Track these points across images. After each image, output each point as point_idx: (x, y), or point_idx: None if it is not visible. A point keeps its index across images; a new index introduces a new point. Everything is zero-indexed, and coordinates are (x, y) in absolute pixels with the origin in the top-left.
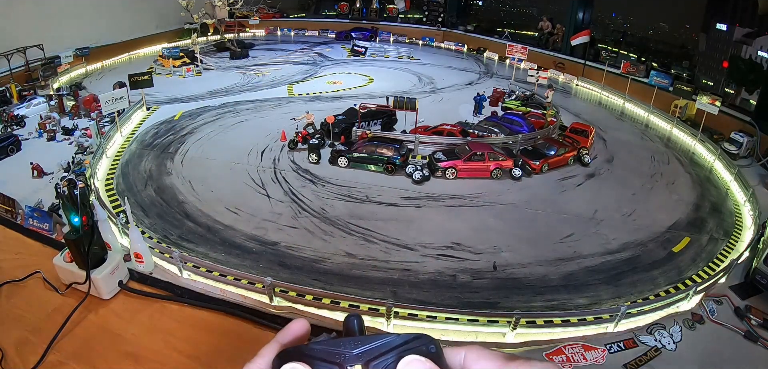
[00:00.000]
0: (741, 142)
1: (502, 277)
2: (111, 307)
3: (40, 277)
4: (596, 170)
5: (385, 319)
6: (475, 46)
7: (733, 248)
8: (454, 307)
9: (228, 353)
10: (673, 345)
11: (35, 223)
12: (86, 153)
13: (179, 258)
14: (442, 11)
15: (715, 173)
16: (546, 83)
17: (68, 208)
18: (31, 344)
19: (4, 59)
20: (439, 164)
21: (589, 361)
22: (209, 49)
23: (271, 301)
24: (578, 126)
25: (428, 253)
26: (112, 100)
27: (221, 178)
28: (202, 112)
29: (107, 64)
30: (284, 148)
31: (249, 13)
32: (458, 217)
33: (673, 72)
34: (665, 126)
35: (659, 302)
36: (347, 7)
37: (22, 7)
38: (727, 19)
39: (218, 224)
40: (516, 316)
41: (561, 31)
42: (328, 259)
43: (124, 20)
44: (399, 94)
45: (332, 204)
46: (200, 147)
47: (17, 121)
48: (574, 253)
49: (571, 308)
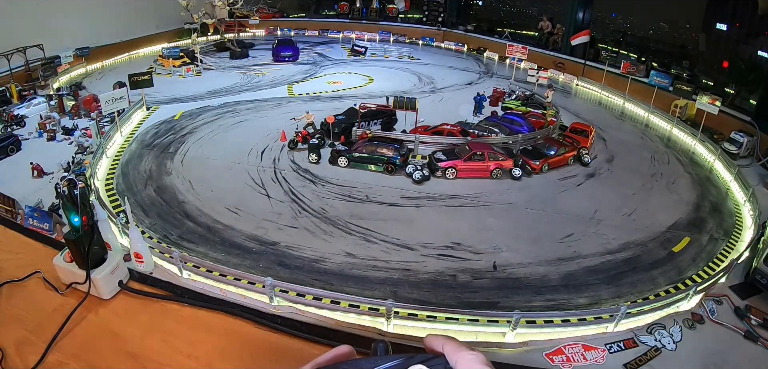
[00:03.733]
0: (741, 142)
1: (502, 277)
2: (111, 307)
3: (40, 277)
4: (596, 170)
5: (385, 319)
6: (475, 46)
7: (733, 248)
8: (454, 307)
9: (228, 353)
10: (673, 345)
11: (35, 222)
12: (86, 153)
13: (179, 258)
14: (442, 11)
15: (715, 173)
16: (546, 83)
17: (68, 208)
18: (31, 344)
19: (4, 59)
20: (439, 164)
21: (589, 361)
22: (209, 49)
23: (271, 301)
24: (578, 126)
25: (428, 253)
26: (112, 100)
27: (221, 178)
28: (202, 112)
29: (107, 64)
30: (284, 148)
31: (249, 13)
32: (458, 217)
33: (673, 72)
34: (665, 126)
35: (659, 302)
36: (347, 7)
37: (22, 7)
38: (727, 19)
39: (218, 224)
40: (516, 316)
41: (561, 31)
42: (328, 258)
43: (124, 20)
44: (399, 94)
45: (332, 204)
46: (200, 147)
47: (17, 121)
48: (574, 253)
49: (571, 308)
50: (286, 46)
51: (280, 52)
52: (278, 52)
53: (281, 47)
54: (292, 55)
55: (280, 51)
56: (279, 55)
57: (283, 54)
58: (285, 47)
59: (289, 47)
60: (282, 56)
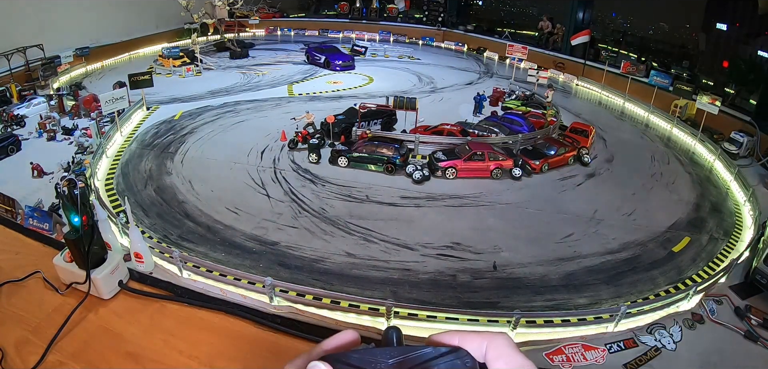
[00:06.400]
0: (741, 141)
1: (502, 276)
2: (111, 307)
3: (40, 277)
4: (596, 170)
5: (385, 319)
6: (475, 46)
7: (733, 248)
8: (454, 306)
9: (228, 353)
10: (673, 345)
11: (35, 223)
12: (86, 153)
13: (179, 258)
14: (442, 11)
15: (715, 173)
16: (546, 83)
17: (68, 208)
18: (31, 344)
19: (4, 59)
20: (439, 164)
21: (589, 361)
22: (209, 48)
23: (271, 301)
24: (578, 126)
25: (428, 253)
26: (112, 100)
27: (221, 178)
28: (202, 112)
29: (107, 64)
30: (284, 148)
31: (249, 12)
32: (458, 216)
33: (673, 72)
34: (665, 126)
35: (659, 302)
36: (347, 7)
37: (22, 7)
38: (727, 19)
39: (218, 224)
40: (516, 315)
41: (561, 31)
42: (328, 258)
43: (124, 20)
44: (399, 93)
45: (332, 204)
46: (200, 147)
47: (17, 121)
48: (574, 253)
49: (571, 308)
50: (334, 53)
51: (334, 60)
52: (332, 60)
53: (333, 55)
54: (347, 63)
55: (333, 59)
56: (335, 65)
57: (339, 63)
58: (336, 55)
59: (339, 55)
60: (337, 65)
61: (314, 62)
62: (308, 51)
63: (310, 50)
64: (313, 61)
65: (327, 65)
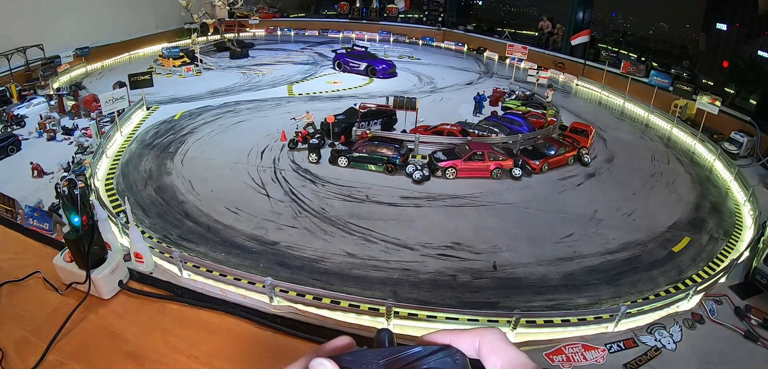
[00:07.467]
0: (741, 141)
1: (502, 276)
2: (111, 307)
3: (40, 277)
4: (596, 170)
5: (385, 319)
6: (475, 46)
7: (733, 248)
8: (454, 306)
9: (228, 353)
10: (673, 345)
11: (35, 223)
12: (86, 153)
13: (179, 258)
14: (442, 11)
15: (715, 173)
16: (546, 83)
17: (68, 208)
18: (31, 344)
19: (4, 59)
20: (439, 164)
21: (589, 360)
22: (209, 48)
23: (271, 301)
24: (578, 126)
25: (428, 253)
26: (112, 100)
27: (221, 178)
28: (202, 112)
29: (107, 64)
30: (284, 148)
31: (249, 12)
32: (458, 216)
33: (673, 72)
34: (665, 126)
35: (659, 302)
36: (347, 7)
37: (22, 7)
38: (727, 19)
39: (218, 224)
40: (516, 315)
41: (561, 31)
42: (328, 258)
43: (124, 20)
44: (399, 93)
45: (332, 204)
46: (200, 147)
47: (17, 121)
48: (574, 253)
49: (571, 308)
50: (375, 60)
51: (378, 67)
52: (375, 65)
53: (376, 62)
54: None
55: (375, 65)
56: (376, 72)
57: (384, 69)
58: (378, 62)
59: (380, 61)
60: (382, 72)
61: (351, 70)
62: (339, 58)
63: (341, 57)
64: (349, 69)
65: (372, 73)
